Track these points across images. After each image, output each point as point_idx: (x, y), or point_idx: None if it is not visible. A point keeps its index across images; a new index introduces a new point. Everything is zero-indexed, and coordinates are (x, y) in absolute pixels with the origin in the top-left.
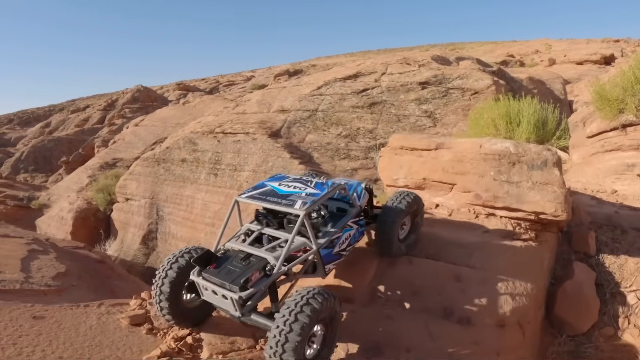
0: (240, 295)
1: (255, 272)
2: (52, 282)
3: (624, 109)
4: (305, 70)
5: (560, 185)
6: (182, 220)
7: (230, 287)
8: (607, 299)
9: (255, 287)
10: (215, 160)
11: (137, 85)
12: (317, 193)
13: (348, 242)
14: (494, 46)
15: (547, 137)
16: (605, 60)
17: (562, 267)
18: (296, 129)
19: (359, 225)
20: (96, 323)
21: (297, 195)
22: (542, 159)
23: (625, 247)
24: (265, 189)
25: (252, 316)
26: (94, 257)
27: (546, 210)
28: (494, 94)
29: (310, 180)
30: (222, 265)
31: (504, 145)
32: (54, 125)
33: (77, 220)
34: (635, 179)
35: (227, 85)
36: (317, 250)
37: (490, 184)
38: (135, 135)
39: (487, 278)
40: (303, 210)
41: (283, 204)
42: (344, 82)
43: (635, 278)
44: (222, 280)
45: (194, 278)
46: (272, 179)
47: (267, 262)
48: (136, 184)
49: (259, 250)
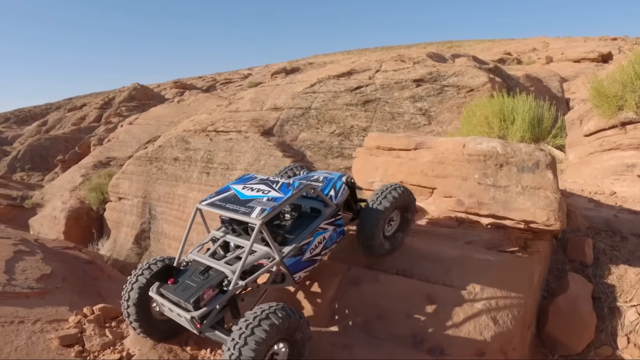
0: (192, 316)
1: (209, 289)
2: (35, 284)
3: (624, 106)
4: (303, 68)
5: (554, 190)
6: (174, 220)
7: (185, 306)
8: (604, 315)
9: (208, 306)
10: (208, 159)
11: (134, 84)
12: (279, 197)
13: (323, 246)
14: (491, 44)
15: (543, 136)
16: (603, 58)
17: (555, 278)
18: (289, 127)
19: (337, 225)
20: (24, 343)
21: (258, 200)
22: (533, 161)
23: (625, 255)
24: (227, 194)
25: (212, 331)
26: (84, 257)
27: (537, 219)
28: (490, 91)
29: (277, 182)
30: (181, 279)
31: (491, 145)
32: (50, 124)
33: (69, 220)
34: (635, 179)
35: (224, 83)
36: (281, 260)
37: (474, 189)
38: (129, 134)
39: (466, 298)
40: (259, 219)
41: (240, 212)
42: (337, 79)
43: (635, 291)
44: (177, 298)
45: (152, 294)
46: (239, 180)
47: (225, 276)
48: (129, 183)
49: (218, 263)
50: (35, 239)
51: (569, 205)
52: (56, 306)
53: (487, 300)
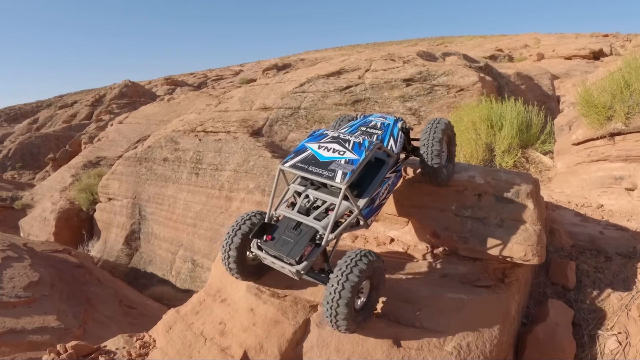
0: (297, 269)
1: (308, 246)
2: (22, 292)
3: (612, 116)
4: (294, 65)
5: (534, 222)
6: (164, 221)
7: (288, 260)
8: (584, 343)
9: (308, 260)
10: (197, 159)
11: (124, 81)
12: (355, 160)
13: (388, 191)
14: (483, 40)
15: (531, 141)
16: (594, 55)
17: (536, 302)
18: (278, 127)
19: (397, 171)
20: None
21: (337, 163)
22: (514, 190)
23: (609, 278)
24: (306, 155)
25: (310, 275)
26: (73, 261)
27: (514, 255)
28: (480, 90)
29: (348, 140)
30: (277, 235)
31: (469, 175)
32: (41, 122)
33: (59, 221)
34: (622, 193)
35: (216, 80)
36: (360, 212)
37: (451, 220)
38: (119, 133)
39: (434, 342)
40: (344, 184)
41: (325, 176)
42: (327, 79)
43: (617, 318)
44: (279, 253)
45: (255, 250)
46: (312, 138)
47: (316, 230)
48: (118, 183)
49: (308, 219)
50: (24, 243)
51: (554, 222)
52: (43, 315)
53: (457, 343)
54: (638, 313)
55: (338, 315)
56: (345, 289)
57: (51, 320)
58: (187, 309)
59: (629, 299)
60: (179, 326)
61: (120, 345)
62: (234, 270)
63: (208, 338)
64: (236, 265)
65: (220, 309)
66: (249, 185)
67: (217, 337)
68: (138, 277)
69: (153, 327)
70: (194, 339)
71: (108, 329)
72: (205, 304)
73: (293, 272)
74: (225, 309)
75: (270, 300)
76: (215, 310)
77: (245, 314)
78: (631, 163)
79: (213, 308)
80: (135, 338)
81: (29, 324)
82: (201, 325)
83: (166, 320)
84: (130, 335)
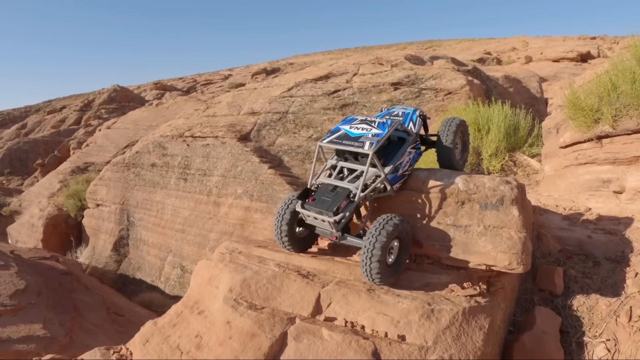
0: (334, 219)
1: (343, 200)
2: (8, 301)
3: (600, 119)
4: (283, 69)
5: (518, 229)
6: (152, 227)
7: (327, 213)
8: (572, 350)
9: (344, 212)
10: (185, 165)
11: (113, 85)
12: (380, 133)
13: (409, 164)
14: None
15: (519, 145)
16: (582, 58)
17: (524, 310)
18: (266, 131)
19: (417, 149)
20: None
21: (365, 136)
22: (497, 197)
23: (597, 283)
24: (340, 133)
25: (347, 238)
26: (60, 268)
27: (498, 263)
28: (468, 94)
29: (374, 121)
30: (317, 197)
31: (451, 181)
32: (30, 127)
33: (47, 227)
34: (610, 196)
35: (205, 84)
36: (385, 176)
37: (432, 230)
38: (107, 139)
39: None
40: (371, 150)
41: (355, 146)
42: (315, 83)
43: (606, 324)
44: (319, 209)
45: (298, 209)
46: (344, 122)
47: (350, 191)
48: (106, 189)
49: (343, 182)
50: (11, 251)
51: (542, 226)
52: (29, 324)
53: (440, 356)
54: (627, 319)
55: (372, 269)
56: (378, 242)
57: (37, 329)
58: (164, 321)
59: (617, 305)
60: (156, 339)
61: (97, 358)
62: (286, 241)
63: (184, 352)
64: (288, 238)
65: (197, 322)
66: (237, 190)
67: (194, 351)
68: (127, 284)
69: (131, 340)
70: (170, 353)
71: (95, 337)
72: (182, 316)
73: (331, 222)
74: (202, 321)
75: (247, 313)
76: (192, 323)
77: (221, 327)
78: (619, 166)
79: (190, 320)
80: (113, 351)
81: (15, 333)
82: (178, 339)
83: (143, 332)
84: (108, 348)
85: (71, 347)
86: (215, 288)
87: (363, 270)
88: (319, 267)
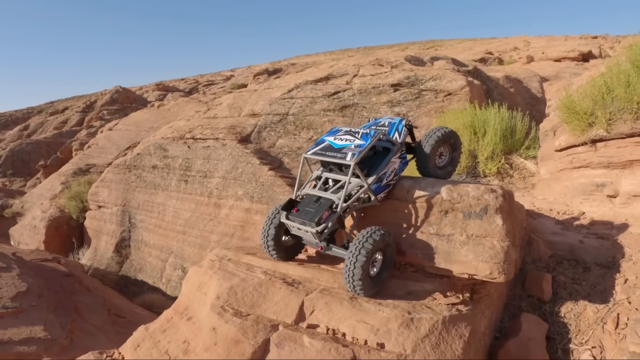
0: (317, 229)
1: (325, 211)
2: (10, 303)
3: (594, 122)
4: (285, 69)
5: (501, 239)
6: (154, 228)
7: (309, 224)
8: (558, 357)
9: (326, 222)
10: (186, 166)
11: (115, 86)
12: (362, 144)
13: (394, 174)
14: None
15: (515, 147)
16: (583, 57)
17: (511, 315)
18: (266, 133)
19: (402, 158)
20: None
21: (348, 147)
22: (481, 206)
23: (586, 289)
24: (324, 145)
25: (332, 249)
26: (62, 270)
27: (479, 273)
28: (468, 95)
29: (358, 132)
30: (301, 208)
31: (435, 190)
32: (32, 128)
33: (49, 229)
34: (604, 200)
35: (207, 85)
36: (369, 187)
37: (415, 238)
38: (108, 140)
39: None
40: (353, 161)
41: (338, 157)
42: (315, 84)
43: (593, 331)
44: (302, 220)
45: (283, 220)
46: (329, 133)
47: (332, 201)
48: (108, 191)
49: (326, 193)
50: (13, 253)
51: (533, 231)
52: (30, 326)
53: None
54: (614, 327)
55: (354, 281)
56: (361, 254)
57: (38, 331)
58: (155, 326)
59: (605, 312)
60: (147, 344)
61: None
62: (274, 252)
63: (172, 357)
64: (275, 248)
65: (186, 328)
66: (238, 192)
67: (181, 356)
68: (128, 285)
69: (123, 344)
70: (159, 358)
71: (95, 339)
72: (172, 321)
73: (314, 232)
74: (190, 327)
75: (232, 320)
76: (181, 329)
77: (207, 333)
78: (613, 170)
79: (179, 326)
80: (106, 355)
81: (16, 335)
82: (167, 344)
83: (135, 337)
84: (100, 352)
85: (71, 349)
86: (204, 295)
87: (346, 281)
88: (305, 274)
